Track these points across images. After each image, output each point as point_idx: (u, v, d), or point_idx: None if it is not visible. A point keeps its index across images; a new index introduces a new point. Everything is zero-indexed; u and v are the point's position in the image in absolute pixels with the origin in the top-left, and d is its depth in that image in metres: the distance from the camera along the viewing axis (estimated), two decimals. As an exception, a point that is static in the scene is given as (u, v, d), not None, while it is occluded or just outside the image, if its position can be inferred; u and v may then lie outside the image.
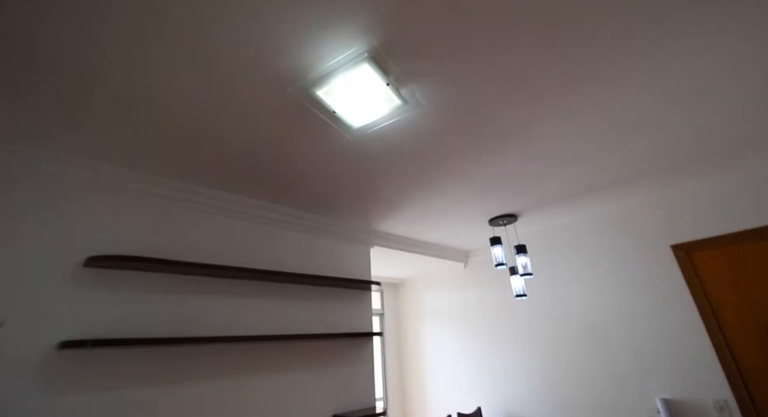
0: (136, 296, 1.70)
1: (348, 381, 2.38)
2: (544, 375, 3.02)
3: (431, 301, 4.15)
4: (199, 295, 1.91)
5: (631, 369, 2.58)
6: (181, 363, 1.74)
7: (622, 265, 2.79)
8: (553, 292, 3.13)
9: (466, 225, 3.06)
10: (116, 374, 1.54)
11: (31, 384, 1.35)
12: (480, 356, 3.51)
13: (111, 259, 1.54)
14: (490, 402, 3.31)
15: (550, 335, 3.06)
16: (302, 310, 2.32)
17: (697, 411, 2.26)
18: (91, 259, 1.54)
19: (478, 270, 3.80)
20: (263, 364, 2.03)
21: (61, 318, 1.48)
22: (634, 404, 2.51)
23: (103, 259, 1.54)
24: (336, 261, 2.67)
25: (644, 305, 2.61)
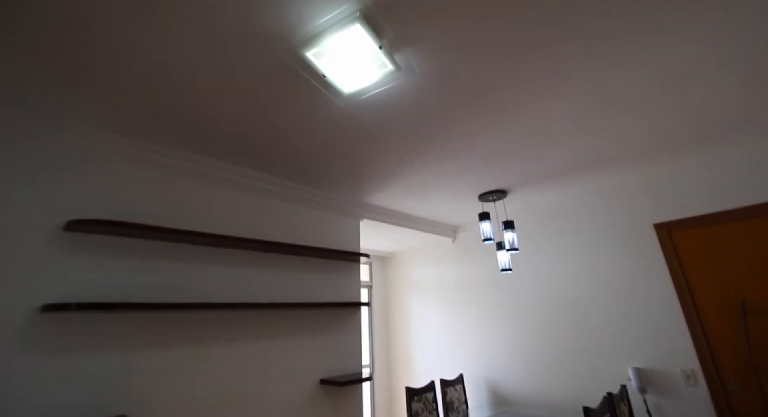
0: (119, 262, 1.68)
1: (335, 348, 2.44)
2: (523, 345, 3.15)
3: (419, 275, 4.23)
4: (185, 263, 1.90)
5: (606, 340, 2.70)
6: (166, 328, 1.75)
7: (606, 242, 2.85)
8: (538, 267, 3.21)
9: (456, 200, 3.06)
10: (100, 338, 1.54)
11: (13, 345, 1.35)
12: (464, 327, 3.63)
13: (92, 223, 1.50)
14: (472, 369, 3.46)
15: (532, 308, 3.16)
16: (291, 279, 2.34)
17: (666, 379, 2.40)
18: (71, 223, 1.50)
19: (466, 245, 3.86)
20: (251, 331, 2.05)
21: (42, 281, 1.46)
22: (607, 372, 2.65)
23: (84, 223, 1.50)
24: (325, 233, 2.67)
25: (624, 281, 2.70)
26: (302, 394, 2.16)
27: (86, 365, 1.49)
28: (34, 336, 1.39)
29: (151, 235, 1.74)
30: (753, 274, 2.22)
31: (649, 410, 2.42)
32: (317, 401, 2.22)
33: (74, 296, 1.51)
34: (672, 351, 2.41)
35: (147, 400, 1.61)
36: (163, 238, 1.80)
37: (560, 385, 2.87)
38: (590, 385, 2.71)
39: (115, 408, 1.52)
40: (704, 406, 2.24)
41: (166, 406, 1.65)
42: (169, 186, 1.94)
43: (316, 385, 2.25)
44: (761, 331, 2.14)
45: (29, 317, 1.40)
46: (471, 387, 3.43)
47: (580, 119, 1.86)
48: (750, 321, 2.19)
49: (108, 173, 1.74)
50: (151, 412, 1.60)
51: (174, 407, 1.67)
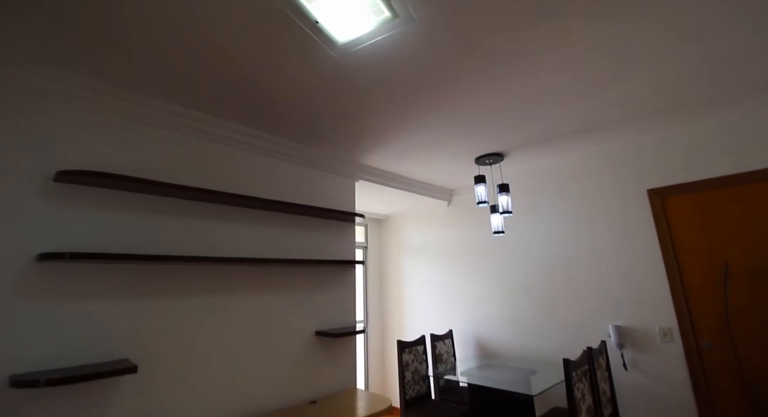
0: (113, 214, 1.68)
1: (331, 303, 2.53)
2: (511, 303, 3.27)
3: (413, 237, 4.30)
4: (181, 218, 1.90)
5: (591, 300, 2.81)
6: (163, 280, 1.79)
7: (599, 207, 2.88)
8: (530, 230, 3.26)
9: (452, 163, 3.04)
10: (98, 288, 1.58)
11: (13, 292, 1.38)
12: (454, 286, 3.75)
13: (82, 174, 1.49)
14: (461, 325, 3.62)
15: (521, 269, 3.26)
16: (288, 237, 2.37)
17: (643, 335, 2.53)
18: (61, 174, 1.48)
19: (460, 208, 3.89)
20: (248, 285, 2.11)
21: (35, 231, 1.46)
22: (590, 329, 2.79)
23: (74, 174, 1.48)
24: (322, 193, 2.67)
25: (613, 244, 2.76)
26: (298, 345, 2.27)
27: (85, 312, 1.54)
28: (32, 284, 1.43)
29: (146, 189, 1.73)
30: (738, 239, 2.27)
31: (624, 363, 2.57)
32: (313, 351, 2.33)
33: (68, 246, 1.53)
34: (652, 310, 2.52)
35: (147, 347, 1.68)
36: (158, 193, 1.80)
37: (544, 340, 3.02)
38: (572, 341, 2.86)
39: (115, 353, 1.59)
40: (677, 361, 2.38)
41: (165, 352, 1.73)
42: (164, 141, 1.91)
43: (312, 336, 2.36)
44: (740, 294, 2.23)
45: (26, 266, 1.42)
46: (459, 341, 3.62)
47: (578, 76, 1.80)
48: (730, 284, 2.27)
49: (100, 125, 1.69)
50: (150, 358, 1.68)
51: (173, 354, 1.75)
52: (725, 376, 2.22)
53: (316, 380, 2.30)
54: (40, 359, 1.40)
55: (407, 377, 2.95)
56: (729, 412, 2.18)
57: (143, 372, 1.64)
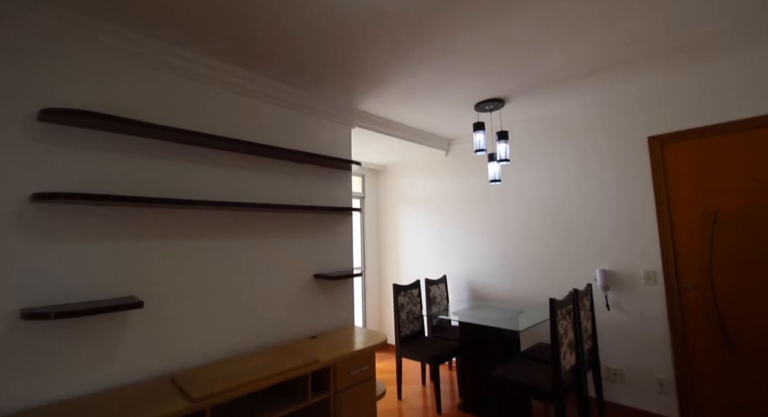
0: (104, 156, 1.65)
1: (328, 248, 2.59)
2: (505, 249, 3.37)
3: (410, 187, 4.30)
4: (175, 161, 1.88)
5: (580, 246, 2.89)
6: (160, 223, 1.81)
7: (597, 154, 2.85)
8: (526, 178, 3.26)
9: (451, 110, 2.94)
10: (97, 228, 1.60)
11: (11, 232, 1.40)
12: (450, 234, 3.84)
13: (66, 113, 1.43)
14: (455, 271, 3.77)
15: (516, 216, 3.31)
16: (287, 183, 2.37)
17: (628, 279, 2.65)
18: (45, 112, 1.43)
19: (458, 158, 3.85)
20: (247, 229, 2.15)
21: (27, 172, 1.45)
22: (577, 273, 2.91)
23: (58, 112, 1.43)
24: (318, 140, 2.61)
25: (607, 191, 2.78)
26: (298, 286, 2.36)
27: (88, 252, 1.57)
28: (31, 224, 1.44)
29: (137, 131, 1.68)
30: (732, 186, 2.28)
31: (608, 304, 2.72)
32: (312, 292, 2.44)
33: (62, 188, 1.52)
34: (638, 255, 2.61)
35: (151, 286, 1.75)
36: (150, 135, 1.75)
37: (534, 284, 3.16)
38: (561, 284, 2.99)
39: (121, 291, 1.66)
40: (657, 302, 2.51)
41: (169, 291, 1.81)
42: (157, 81, 1.82)
43: (311, 279, 2.45)
44: (725, 239, 2.29)
45: (21, 206, 1.42)
46: (452, 286, 3.78)
47: (586, 15, 1.67)
48: (718, 229, 2.32)
49: (84, 63, 1.60)
50: (155, 295, 1.76)
51: (177, 292, 1.83)
52: (701, 314, 2.36)
53: (316, 318, 2.44)
54: (48, 296, 1.46)
55: (402, 317, 3.12)
56: (700, 348, 2.35)
57: (149, 308, 1.72)
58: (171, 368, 1.76)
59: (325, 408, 1.92)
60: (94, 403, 1.42)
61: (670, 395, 2.42)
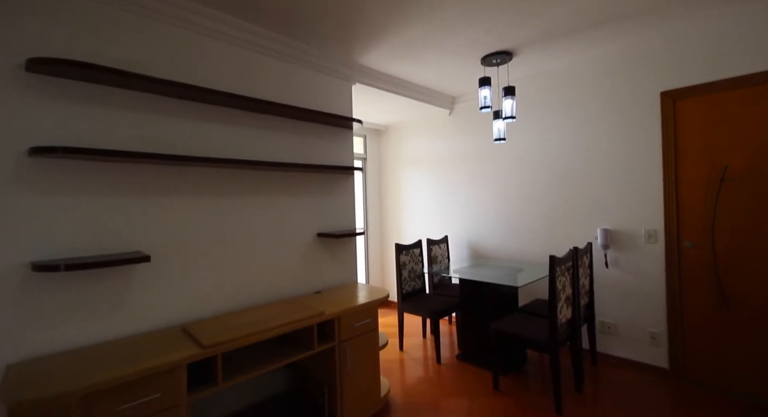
0: (104, 111, 1.61)
1: (331, 208, 2.60)
2: (507, 210, 3.38)
3: (413, 148, 4.23)
4: (174, 117, 1.83)
5: (583, 205, 2.89)
6: (162, 180, 1.80)
7: (607, 112, 2.76)
8: (531, 137, 3.19)
9: (456, 63, 2.81)
10: (97, 185, 1.60)
11: (12, 186, 1.40)
12: (452, 195, 3.83)
13: (56, 63, 1.38)
14: (456, 232, 3.81)
15: (520, 176, 3.28)
16: (284, 142, 2.32)
17: (629, 237, 2.66)
18: (32, 62, 1.37)
19: (462, 117, 3.74)
20: (249, 187, 2.14)
21: (21, 125, 1.42)
22: (578, 233, 2.93)
23: (47, 62, 1.37)
24: (316, 96, 2.53)
25: (612, 150, 2.72)
26: (302, 244, 2.40)
27: (89, 208, 1.58)
28: (31, 179, 1.44)
29: (134, 85, 1.62)
30: (742, 143, 2.22)
31: (606, 262, 2.76)
32: (316, 250, 2.48)
33: (61, 142, 1.50)
34: (641, 214, 2.60)
35: (157, 242, 1.77)
36: (148, 90, 1.70)
37: (534, 244, 3.19)
38: (562, 244, 3.02)
39: (128, 246, 1.69)
40: (656, 260, 2.54)
41: (176, 246, 1.84)
42: (153, 32, 1.73)
43: (315, 237, 2.48)
44: (731, 196, 2.27)
45: (20, 161, 1.41)
46: (454, 246, 3.84)
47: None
48: (724, 187, 2.29)
49: (81, 12, 1.51)
50: (163, 251, 1.79)
51: (184, 248, 1.86)
52: (699, 272, 2.39)
53: (320, 275, 2.50)
54: (54, 250, 1.49)
55: (404, 275, 3.20)
56: (694, 303, 2.41)
57: (157, 263, 1.77)
58: (181, 319, 1.84)
59: (331, 356, 2.02)
60: (109, 349, 1.49)
61: (662, 347, 2.53)
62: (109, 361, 1.37)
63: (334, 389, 2.01)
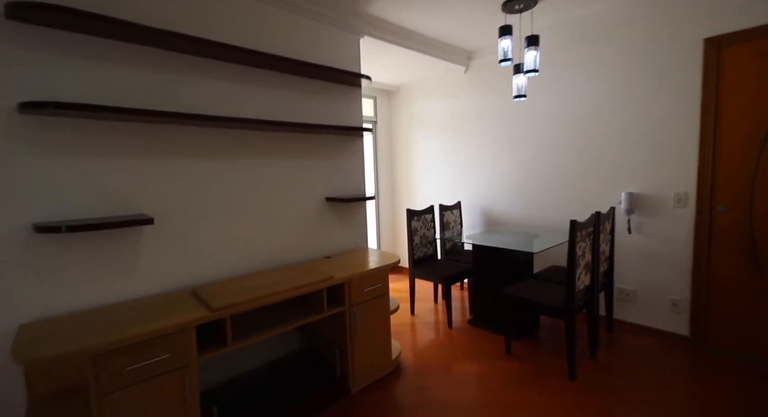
0: (94, 64, 1.50)
1: (340, 171, 2.50)
2: (524, 173, 3.22)
3: (425, 109, 4.02)
4: (174, 73, 1.72)
5: (607, 167, 2.71)
6: (164, 140, 1.72)
7: (642, 62, 2.50)
8: (554, 93, 2.95)
9: (475, 11, 2.55)
10: (90, 144, 1.52)
11: (5, 145, 1.34)
12: (466, 159, 3.67)
13: (36, 8, 1.26)
14: (469, 197, 3.68)
15: (539, 137, 3.08)
16: (290, 100, 2.19)
17: (656, 201, 2.50)
18: (12, 6, 1.25)
19: (478, 74, 3.49)
20: (255, 149, 2.05)
21: (7, 79, 1.33)
22: (600, 197, 2.77)
23: (26, 6, 1.25)
24: (323, 51, 2.35)
25: (648, 105, 2.50)
26: (311, 208, 2.33)
27: (88, 168, 1.52)
28: (24, 137, 1.37)
29: (129, 35, 1.51)
30: (798, 95, 1.99)
31: (629, 227, 2.63)
32: (325, 215, 2.42)
33: (50, 98, 1.41)
34: (671, 176, 2.42)
35: (162, 204, 1.72)
36: (145, 42, 1.58)
37: (553, 209, 3.06)
38: (582, 209, 2.88)
39: (132, 209, 1.64)
40: (684, 224, 2.40)
41: (182, 209, 1.79)
42: (120, -31, 1.57)
43: (323, 201, 2.41)
44: (775, 156, 2.07)
45: (10, 117, 1.34)
46: (467, 212, 3.73)
47: None
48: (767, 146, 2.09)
49: (33, -57, 1.37)
50: (167, 213, 1.74)
51: (191, 211, 1.81)
52: (731, 236, 2.24)
53: (330, 240, 2.45)
54: (54, 212, 1.45)
55: (416, 241, 3.14)
56: (723, 269, 2.29)
57: (162, 225, 1.72)
58: (190, 282, 1.82)
59: (341, 320, 2.01)
60: (118, 311, 1.49)
61: (682, 314, 2.44)
62: (118, 322, 1.36)
63: (345, 351, 2.02)
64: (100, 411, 1.22)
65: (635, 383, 2.03)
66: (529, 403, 1.90)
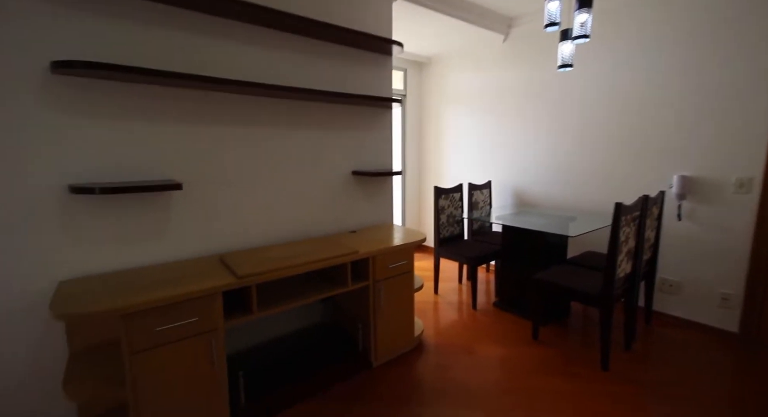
0: (135, 26, 1.47)
1: (367, 144, 2.42)
2: (561, 152, 3.02)
3: (458, 82, 3.81)
4: (211, 38, 1.67)
5: (658, 148, 2.48)
6: (198, 105, 1.69)
7: (710, 29, 2.21)
8: (601, 66, 2.70)
9: (522, -32, 2.32)
10: (118, 107, 1.51)
11: (37, 105, 1.34)
12: (499, 137, 3.48)
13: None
14: (501, 177, 3.52)
15: (580, 114, 2.85)
16: (319, 68, 2.10)
17: (713, 186, 2.27)
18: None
19: (518, 44, 3.24)
20: (282, 118, 2.00)
21: (41, 38, 1.32)
22: (647, 180, 2.55)
23: (53, -40, 1.21)
24: (352, 13, 2.22)
25: (712, 80, 2.23)
26: (337, 181, 2.28)
27: (119, 131, 1.51)
28: (57, 99, 1.37)
29: None
30: None
31: (680, 214, 2.41)
32: (350, 189, 2.36)
33: (85, 57, 1.40)
34: (734, 158, 2.18)
35: (191, 170, 1.71)
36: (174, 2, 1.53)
37: (592, 191, 2.86)
38: (627, 192, 2.67)
39: (162, 174, 1.64)
40: (744, 211, 2.17)
41: (210, 177, 1.78)
42: None
43: (349, 175, 2.35)
44: None
45: (42, 77, 1.33)
46: (497, 192, 3.58)
47: None
48: None
49: None
50: (195, 180, 1.74)
51: (216, 179, 1.80)
52: (798, 228, 2.01)
53: (355, 214, 2.41)
54: (86, 174, 1.46)
55: (442, 220, 3.05)
56: (784, 262, 2.07)
57: (191, 191, 1.72)
58: (217, 249, 1.83)
59: (365, 294, 1.98)
60: (150, 273, 1.51)
61: (733, 309, 2.25)
62: (151, 283, 1.39)
63: (367, 326, 2.00)
64: (133, 369, 1.26)
65: (672, 378, 1.91)
66: (557, 390, 1.82)
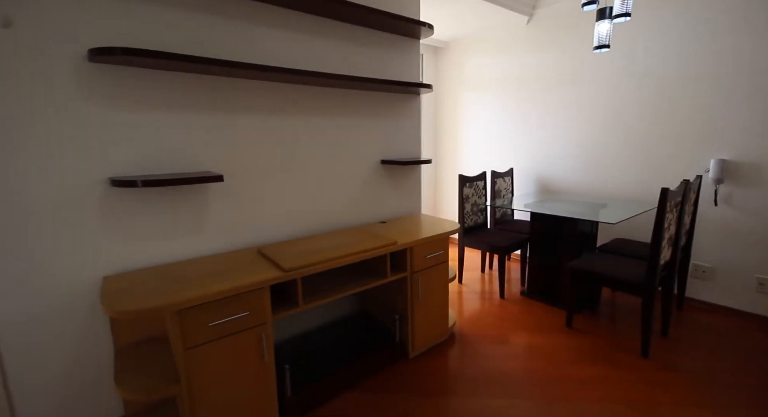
0: (162, 8, 1.40)
1: (395, 132, 2.36)
2: (587, 138, 2.95)
3: (478, 67, 3.71)
4: (246, 22, 1.59)
5: (694, 131, 2.41)
6: (233, 93, 1.64)
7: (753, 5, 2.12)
8: (635, 46, 2.61)
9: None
10: (158, 97, 1.45)
11: (74, 95, 1.28)
12: (521, 122, 3.40)
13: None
14: (523, 164, 3.46)
15: (609, 97, 2.78)
16: (347, 52, 2.03)
17: (753, 170, 2.22)
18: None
19: (544, 25, 3.14)
20: (315, 106, 1.93)
21: (80, 25, 1.25)
22: (681, 165, 2.50)
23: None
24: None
25: (751, 56, 2.15)
26: (366, 170, 2.23)
27: (158, 122, 1.46)
28: (94, 89, 1.31)
29: None
30: None
31: (716, 199, 2.37)
32: (379, 178, 2.31)
33: (122, 43, 1.33)
34: (778, 142, 2.13)
35: (228, 162, 1.66)
36: None
37: (625, 177, 2.81)
38: (661, 179, 2.62)
39: (200, 166, 1.59)
40: (784, 197, 2.13)
41: (244, 168, 1.72)
42: None
43: (378, 164, 2.29)
44: None
45: (78, 65, 1.27)
46: (520, 179, 3.52)
47: None
48: None
49: None
50: (234, 171, 1.69)
51: (252, 170, 1.75)
52: (843, 212, 1.97)
53: (384, 204, 2.36)
54: (129, 168, 1.41)
55: (466, 209, 3.00)
56: (826, 247, 2.04)
57: (229, 184, 1.68)
58: (254, 242, 1.80)
59: (403, 286, 1.95)
60: (193, 267, 1.48)
61: (770, 295, 2.24)
62: (198, 277, 1.35)
63: (405, 318, 1.98)
64: (187, 364, 1.23)
65: (714, 364, 1.90)
66: (601, 378, 1.81)
